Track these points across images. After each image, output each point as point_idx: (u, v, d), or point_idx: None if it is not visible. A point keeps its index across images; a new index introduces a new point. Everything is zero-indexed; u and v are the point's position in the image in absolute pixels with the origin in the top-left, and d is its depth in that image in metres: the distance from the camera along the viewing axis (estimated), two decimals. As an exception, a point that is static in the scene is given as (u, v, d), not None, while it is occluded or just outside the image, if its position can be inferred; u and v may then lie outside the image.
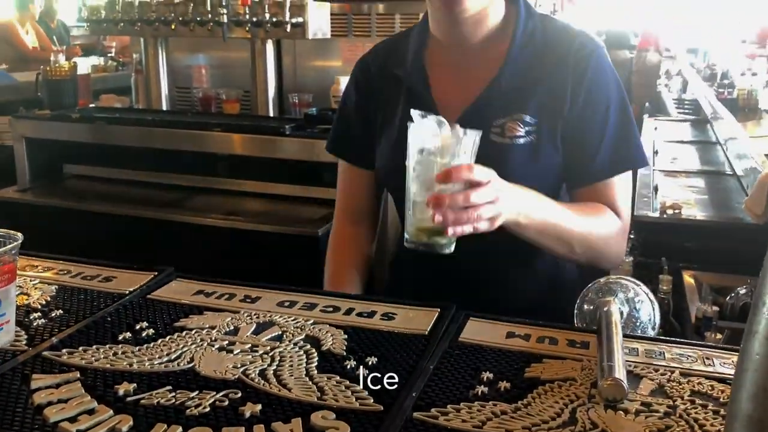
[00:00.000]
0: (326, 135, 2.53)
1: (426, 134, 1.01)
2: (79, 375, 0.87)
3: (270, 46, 2.83)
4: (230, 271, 1.27)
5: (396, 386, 0.85)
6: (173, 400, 0.82)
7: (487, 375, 0.89)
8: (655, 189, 3.03)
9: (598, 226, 1.21)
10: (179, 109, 3.11)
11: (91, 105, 3.11)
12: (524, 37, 1.23)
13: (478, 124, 1.08)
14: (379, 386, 0.86)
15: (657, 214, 2.68)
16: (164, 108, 3.04)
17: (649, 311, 1.06)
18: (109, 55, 4.56)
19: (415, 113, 1.02)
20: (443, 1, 1.19)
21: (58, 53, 3.90)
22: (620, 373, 0.84)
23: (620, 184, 1.25)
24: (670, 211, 2.68)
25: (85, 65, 3.21)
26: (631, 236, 2.67)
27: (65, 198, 2.69)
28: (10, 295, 0.95)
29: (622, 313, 1.04)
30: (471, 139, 1.01)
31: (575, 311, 1.11)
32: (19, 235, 0.96)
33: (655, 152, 3.81)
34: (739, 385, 0.61)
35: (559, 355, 0.95)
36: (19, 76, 3.88)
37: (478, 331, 1.02)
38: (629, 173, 1.25)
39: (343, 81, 2.82)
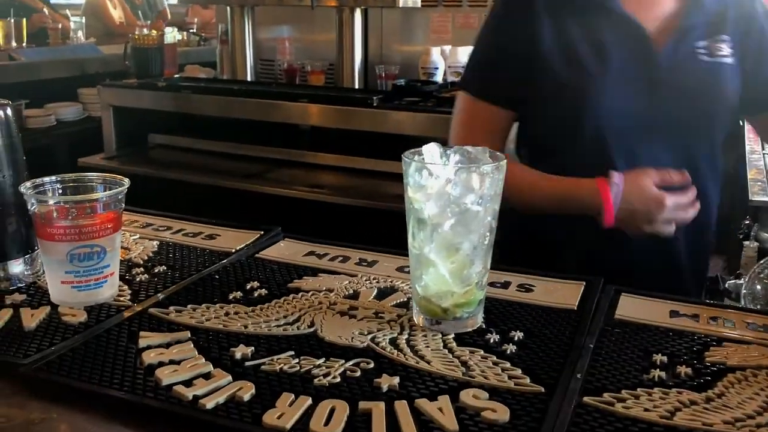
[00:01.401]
0: (415, 107, 2.45)
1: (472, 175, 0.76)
2: (190, 335, 0.78)
3: (358, 15, 2.72)
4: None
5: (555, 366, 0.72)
6: (297, 367, 0.71)
7: (659, 358, 0.75)
8: (770, 174, 2.78)
9: None
10: (264, 80, 3.05)
11: (176, 75, 3.07)
12: None
13: (684, 48, 1.10)
14: (532, 364, 0.73)
15: (776, 200, 2.45)
16: (249, 80, 2.98)
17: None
18: (191, 30, 4.56)
19: (432, 148, 0.80)
20: None
21: (142, 28, 3.92)
22: (838, 363, 0.69)
23: None
24: (791, 197, 2.44)
25: (171, 36, 3.18)
26: (747, 221, 2.45)
27: (150, 166, 2.66)
28: (115, 245, 0.86)
29: (810, 295, 0.88)
30: None
31: (744, 291, 0.95)
32: (125, 180, 0.88)
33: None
34: None
35: (742, 339, 0.80)
36: (105, 49, 3.91)
37: (635, 308, 0.87)
38: None
39: (434, 51, 2.71)
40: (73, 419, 0.65)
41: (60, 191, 0.87)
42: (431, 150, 0.79)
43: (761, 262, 0.96)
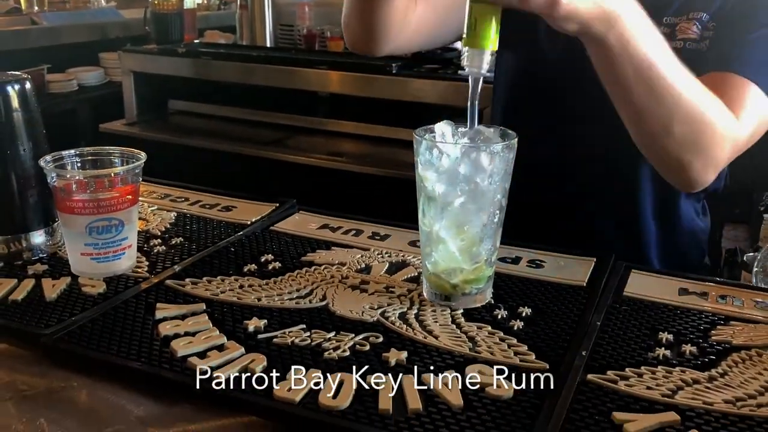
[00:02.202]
0: (435, 74, 2.43)
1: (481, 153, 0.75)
2: (205, 307, 0.80)
3: (378, -20, 2.68)
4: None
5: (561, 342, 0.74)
6: (308, 341, 0.73)
7: (665, 336, 0.76)
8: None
9: (711, 104, 0.86)
10: (283, 46, 3.04)
11: (196, 41, 3.07)
12: None
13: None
14: (539, 341, 0.74)
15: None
16: (268, 45, 2.97)
17: None
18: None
19: (444, 126, 0.79)
20: None
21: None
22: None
23: (758, 95, 0.91)
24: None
25: (191, 0, 3.16)
26: (769, 194, 2.41)
27: (170, 133, 2.69)
28: (133, 218, 0.88)
29: (822, 274, 0.88)
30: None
31: (755, 269, 0.95)
32: (143, 154, 0.90)
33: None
34: None
35: (749, 318, 0.80)
36: (126, 13, 3.91)
37: (644, 285, 0.88)
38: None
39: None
40: (92, 388, 0.68)
41: (79, 165, 0.89)
42: (443, 129, 0.79)
43: (775, 239, 0.96)
